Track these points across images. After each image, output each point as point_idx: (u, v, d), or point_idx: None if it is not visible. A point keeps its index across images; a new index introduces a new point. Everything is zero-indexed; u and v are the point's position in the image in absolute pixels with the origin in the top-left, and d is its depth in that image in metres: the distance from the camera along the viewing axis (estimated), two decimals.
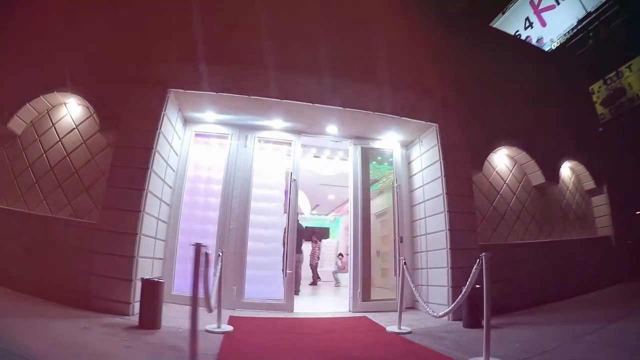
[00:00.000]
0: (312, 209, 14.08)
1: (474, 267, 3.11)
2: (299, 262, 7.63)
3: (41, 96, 4.68)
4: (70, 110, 4.86)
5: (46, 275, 3.95)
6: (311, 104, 4.88)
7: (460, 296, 3.30)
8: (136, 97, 4.43)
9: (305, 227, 15.00)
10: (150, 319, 3.43)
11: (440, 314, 3.50)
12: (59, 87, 4.60)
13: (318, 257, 11.28)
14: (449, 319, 4.44)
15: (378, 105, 5.09)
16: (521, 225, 5.72)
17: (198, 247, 2.38)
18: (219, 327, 3.59)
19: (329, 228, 15.37)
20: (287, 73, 4.80)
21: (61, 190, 4.48)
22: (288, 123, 5.47)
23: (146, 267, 4.20)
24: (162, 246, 4.80)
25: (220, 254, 3.71)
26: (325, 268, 12.40)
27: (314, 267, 11.04)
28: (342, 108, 4.99)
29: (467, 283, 3.19)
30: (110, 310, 3.72)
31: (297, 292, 7.28)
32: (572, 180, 6.98)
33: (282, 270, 5.09)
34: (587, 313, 4.62)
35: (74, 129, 4.75)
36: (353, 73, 5.08)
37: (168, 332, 3.36)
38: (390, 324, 4.12)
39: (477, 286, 3.07)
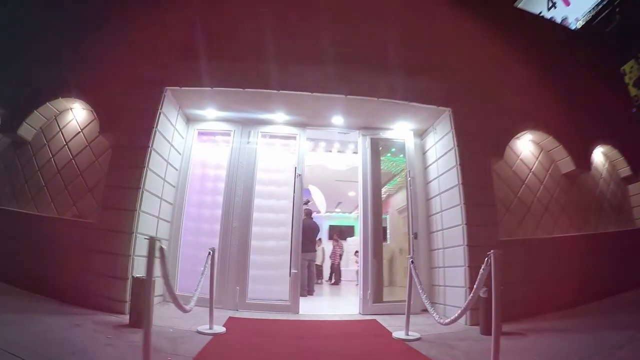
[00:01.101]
0: (336, 207, 13.79)
1: (482, 268, 2.73)
2: (311, 261, 7.40)
3: (47, 103, 4.79)
4: (76, 115, 4.95)
5: (48, 273, 4.01)
6: (310, 93, 4.63)
7: (467, 301, 2.90)
8: (133, 97, 4.43)
9: (330, 225, 14.89)
10: (140, 317, 3.35)
11: (447, 320, 3.12)
12: (63, 93, 4.70)
13: (340, 257, 11.01)
14: (466, 324, 4.03)
15: (384, 91, 4.73)
16: (550, 217, 5.07)
17: (152, 241, 2.23)
18: (210, 328, 3.47)
19: (353, 226, 15.00)
20: (283, 63, 4.58)
21: (67, 192, 4.56)
22: (290, 116, 5.26)
23: None
24: (165, 245, 4.77)
25: (210, 252, 3.58)
26: (351, 267, 12.09)
27: (335, 267, 10.79)
28: (344, 96, 4.69)
29: (475, 286, 2.80)
30: (107, 308, 3.73)
31: (310, 292, 7.08)
32: (606, 166, 6.21)
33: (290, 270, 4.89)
34: (623, 316, 4.04)
35: (79, 132, 4.82)
36: (355, 58, 4.74)
37: (156, 332, 3.22)
38: (400, 328, 3.78)
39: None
